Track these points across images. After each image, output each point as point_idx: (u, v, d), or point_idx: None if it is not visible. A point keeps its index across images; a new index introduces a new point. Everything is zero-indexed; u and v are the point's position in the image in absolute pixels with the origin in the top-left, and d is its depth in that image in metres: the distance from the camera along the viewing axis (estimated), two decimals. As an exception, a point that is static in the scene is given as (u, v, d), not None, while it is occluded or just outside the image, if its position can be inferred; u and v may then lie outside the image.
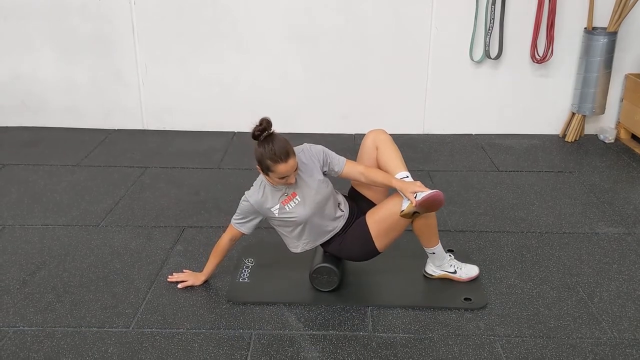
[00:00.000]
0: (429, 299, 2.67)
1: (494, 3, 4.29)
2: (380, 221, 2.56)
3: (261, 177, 2.57)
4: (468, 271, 2.76)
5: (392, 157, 2.62)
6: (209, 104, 4.67)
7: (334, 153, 2.63)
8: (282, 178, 2.42)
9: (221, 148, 4.43)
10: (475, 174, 4.00)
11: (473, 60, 4.48)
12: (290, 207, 2.53)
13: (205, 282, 2.78)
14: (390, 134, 2.35)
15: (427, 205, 2.44)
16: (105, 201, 3.59)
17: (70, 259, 2.99)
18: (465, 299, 2.65)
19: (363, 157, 2.68)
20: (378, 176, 2.58)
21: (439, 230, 3.21)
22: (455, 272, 2.75)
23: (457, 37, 4.44)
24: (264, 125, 2.40)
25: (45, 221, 3.36)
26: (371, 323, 2.52)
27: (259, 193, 2.54)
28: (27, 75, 4.64)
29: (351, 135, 4.64)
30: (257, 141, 2.42)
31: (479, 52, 4.46)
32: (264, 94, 4.53)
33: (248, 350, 2.36)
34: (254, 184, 2.60)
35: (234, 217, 2.63)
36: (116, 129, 4.77)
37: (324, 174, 2.61)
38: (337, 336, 2.45)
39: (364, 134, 2.78)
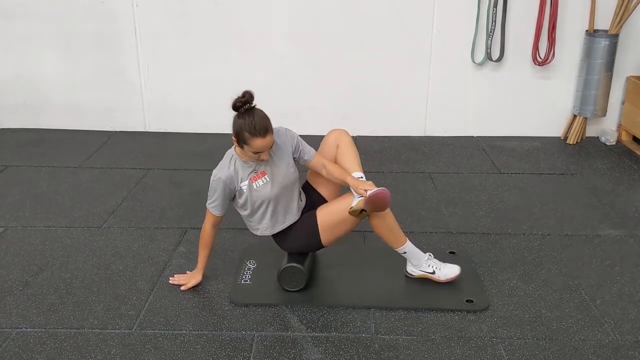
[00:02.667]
0: (431, 301, 2.66)
1: (495, 5, 4.29)
2: (329, 215, 2.59)
3: (231, 153, 2.58)
4: (447, 272, 2.73)
5: (351, 157, 2.67)
6: (211, 105, 4.67)
7: (305, 142, 2.68)
8: (256, 153, 2.44)
9: (223, 149, 4.40)
10: (477, 176, 4.01)
11: (474, 63, 4.48)
12: (258, 185, 2.54)
13: (204, 277, 2.79)
14: (391, 136, 2.36)
15: (373, 201, 2.47)
16: (107, 202, 3.60)
17: (72, 260, 2.99)
18: (468, 301, 2.65)
19: (323, 153, 2.71)
20: (335, 171, 2.64)
21: (440, 232, 3.25)
22: (433, 272, 2.73)
23: (459, 39, 4.44)
24: (247, 97, 2.41)
25: (47, 222, 3.37)
26: (373, 325, 2.53)
27: (229, 168, 2.53)
28: (30, 76, 4.65)
29: (353, 136, 4.63)
30: (237, 112, 2.42)
31: (480, 54, 4.47)
32: (265, 95, 4.47)
33: (250, 352, 2.36)
34: (221, 162, 2.58)
35: (207, 201, 2.61)
36: (118, 130, 4.78)
37: (293, 159, 2.64)
38: (340, 338, 2.45)
39: (365, 136, 2.79)
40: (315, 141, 2.75)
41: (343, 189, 2.69)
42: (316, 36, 4.47)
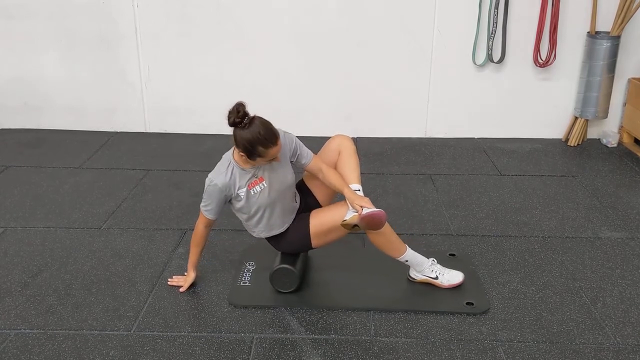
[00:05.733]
0: (431, 304, 2.65)
1: (496, 7, 4.28)
2: (321, 223, 2.58)
3: (229, 158, 2.53)
4: (451, 278, 2.73)
5: (351, 167, 2.63)
6: (211, 105, 4.67)
7: (304, 145, 2.64)
8: (270, 160, 2.43)
9: (223, 150, 4.40)
10: (478, 177, 4.00)
11: (476, 64, 4.47)
12: (255, 192, 2.52)
13: (198, 276, 2.79)
14: (391, 137, 2.34)
15: (368, 221, 2.45)
16: (107, 203, 3.59)
17: (72, 261, 2.99)
18: (468, 303, 2.64)
19: (323, 157, 2.68)
20: (333, 179, 2.59)
21: (441, 234, 3.24)
22: (436, 277, 2.73)
23: (460, 40, 4.43)
24: (242, 111, 2.34)
25: (47, 223, 3.36)
26: (373, 327, 2.52)
27: (226, 175, 2.50)
28: (30, 76, 4.65)
29: (353, 138, 4.63)
30: (237, 128, 2.35)
31: (481, 55, 4.46)
32: (266, 95, 4.53)
33: (249, 354, 2.36)
34: (218, 167, 2.54)
35: (202, 204, 2.58)
36: (118, 131, 4.77)
37: (290, 163, 2.62)
38: (339, 340, 2.44)
39: (366, 138, 2.77)
40: (315, 143, 2.74)
41: (338, 194, 2.67)
42: (317, 36, 4.46)
